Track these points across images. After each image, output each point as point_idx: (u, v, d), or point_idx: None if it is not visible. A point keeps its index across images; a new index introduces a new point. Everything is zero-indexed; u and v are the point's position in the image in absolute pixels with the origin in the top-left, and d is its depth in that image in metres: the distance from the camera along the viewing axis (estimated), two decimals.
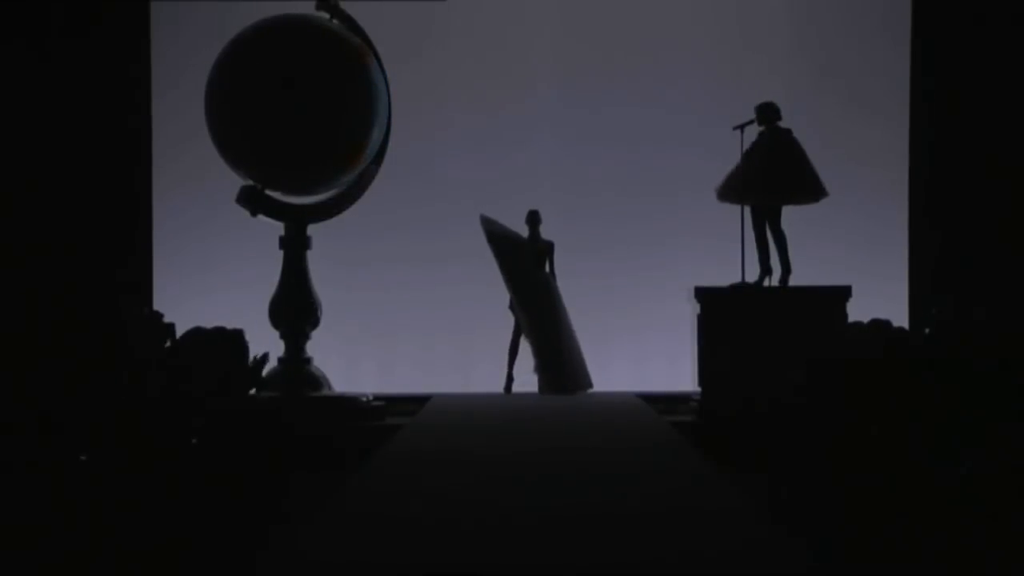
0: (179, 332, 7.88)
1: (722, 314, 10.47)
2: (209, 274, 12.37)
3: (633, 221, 12.64)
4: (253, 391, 8.21)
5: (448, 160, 12.64)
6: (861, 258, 12.09)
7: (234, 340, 7.75)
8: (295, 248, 10.83)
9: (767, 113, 10.67)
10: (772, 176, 10.61)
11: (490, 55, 12.71)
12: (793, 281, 10.72)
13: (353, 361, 12.13)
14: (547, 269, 11.61)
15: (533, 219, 11.61)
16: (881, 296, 11.36)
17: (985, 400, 6.99)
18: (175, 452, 6.92)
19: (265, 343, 8.84)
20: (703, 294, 10.53)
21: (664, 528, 5.18)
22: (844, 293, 10.35)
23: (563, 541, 4.94)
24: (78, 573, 5.51)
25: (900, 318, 10.88)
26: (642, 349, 12.39)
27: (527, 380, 11.53)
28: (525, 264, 11.52)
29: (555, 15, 12.76)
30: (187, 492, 6.68)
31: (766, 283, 10.75)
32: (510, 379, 11.63)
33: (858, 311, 9.72)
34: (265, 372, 8.71)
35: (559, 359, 11.44)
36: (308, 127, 10.29)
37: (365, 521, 5.40)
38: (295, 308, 10.78)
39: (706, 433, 9.46)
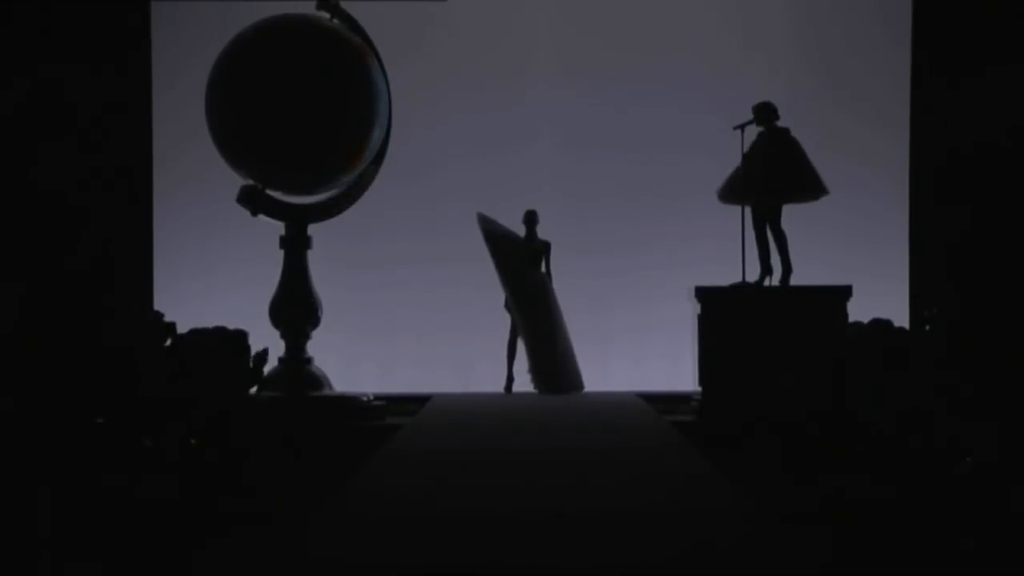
0: (179, 332, 7.89)
1: (722, 314, 10.46)
2: (209, 274, 12.37)
3: (633, 221, 12.64)
4: (253, 391, 8.23)
5: (448, 160, 12.64)
6: (861, 258, 12.09)
7: (235, 340, 7.76)
8: (295, 248, 10.83)
9: (765, 113, 10.67)
10: (772, 175, 10.61)
11: (490, 55, 12.71)
12: (793, 281, 10.72)
13: (353, 361, 12.12)
14: (544, 269, 11.61)
15: (530, 219, 11.61)
16: (881, 296, 11.35)
17: (984, 399, 7.00)
18: (175, 452, 6.93)
19: (265, 343, 8.85)
20: (703, 294, 10.53)
21: (664, 528, 5.18)
22: (844, 293, 10.35)
23: (563, 541, 4.94)
24: (78, 572, 5.51)
25: (900, 318, 10.87)
26: (642, 349, 12.39)
27: (527, 380, 11.53)
28: (521, 263, 11.53)
29: (555, 15, 12.76)
30: (187, 491, 6.68)
31: (766, 283, 10.75)
32: (510, 379, 11.63)
33: (858, 311, 9.72)
34: (265, 372, 8.72)
35: (553, 359, 11.45)
36: (308, 127, 10.29)
37: (365, 521, 5.40)
38: (295, 308, 10.78)
39: (706, 433, 9.46)
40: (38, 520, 6.06)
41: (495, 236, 11.50)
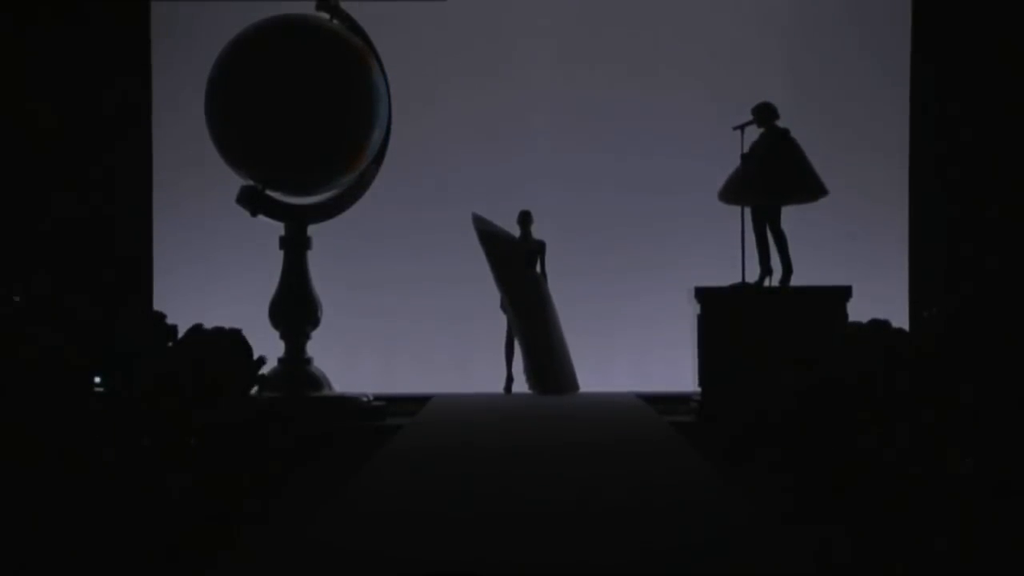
0: (179, 332, 7.89)
1: (722, 314, 10.47)
2: (209, 274, 12.37)
3: (633, 221, 12.65)
4: (254, 391, 8.22)
5: (448, 160, 12.65)
6: (861, 258, 12.09)
7: (234, 340, 7.76)
8: (295, 248, 10.83)
9: (764, 114, 10.68)
10: (772, 176, 10.62)
11: (489, 55, 12.71)
12: (793, 281, 10.73)
13: (353, 361, 12.13)
14: (539, 269, 11.61)
15: (525, 219, 11.61)
16: (881, 296, 11.36)
17: (983, 400, 6.99)
18: (174, 452, 6.92)
19: (265, 343, 8.84)
20: (703, 294, 10.54)
21: (664, 527, 5.19)
22: (844, 293, 10.36)
23: (563, 540, 4.95)
24: (77, 573, 5.51)
25: (900, 318, 10.88)
26: (642, 349, 12.39)
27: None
28: (516, 264, 11.53)
29: (555, 15, 12.76)
30: (187, 492, 6.68)
31: (766, 283, 10.75)
32: (510, 379, 11.64)
33: (858, 311, 9.72)
34: (265, 372, 8.71)
35: (549, 359, 11.45)
36: (309, 127, 10.29)
37: (365, 520, 5.40)
38: (295, 308, 10.78)
39: (706, 433, 9.46)
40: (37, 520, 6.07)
41: (490, 237, 11.51)
